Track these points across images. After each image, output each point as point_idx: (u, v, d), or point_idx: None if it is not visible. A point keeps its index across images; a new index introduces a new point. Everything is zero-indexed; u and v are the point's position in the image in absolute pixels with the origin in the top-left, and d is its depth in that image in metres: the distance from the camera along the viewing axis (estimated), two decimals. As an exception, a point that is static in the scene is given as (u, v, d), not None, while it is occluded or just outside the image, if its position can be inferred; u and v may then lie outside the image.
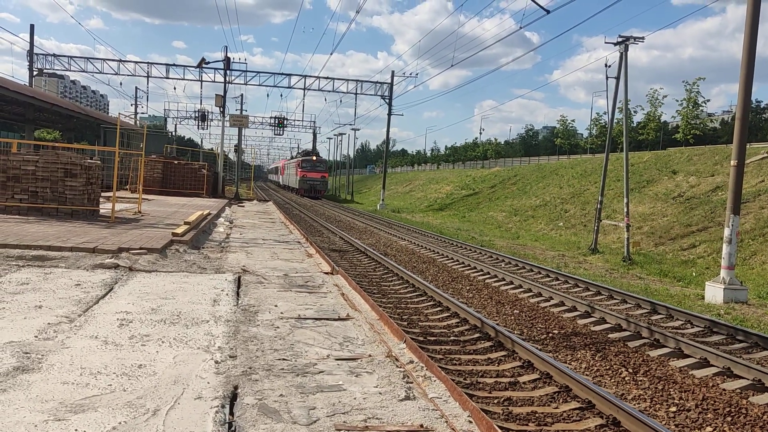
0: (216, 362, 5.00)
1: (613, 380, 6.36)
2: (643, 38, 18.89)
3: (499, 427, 4.16)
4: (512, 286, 11.82)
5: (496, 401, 5.43)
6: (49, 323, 5.78)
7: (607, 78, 19.94)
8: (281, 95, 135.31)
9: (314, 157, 56.05)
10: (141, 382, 4.41)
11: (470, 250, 18.06)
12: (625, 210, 19.05)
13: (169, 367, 4.79)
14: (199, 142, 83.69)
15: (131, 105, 56.58)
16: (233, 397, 4.29)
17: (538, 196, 35.43)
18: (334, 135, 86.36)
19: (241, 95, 45.66)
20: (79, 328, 5.71)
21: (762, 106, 62.19)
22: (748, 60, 12.15)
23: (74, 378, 4.39)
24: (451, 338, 7.61)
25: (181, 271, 9.43)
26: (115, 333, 5.65)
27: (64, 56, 41.29)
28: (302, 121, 65.04)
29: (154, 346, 5.31)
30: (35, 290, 7.16)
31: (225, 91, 36.84)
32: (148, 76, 41.84)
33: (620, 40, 18.85)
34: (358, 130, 78.20)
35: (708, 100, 57.08)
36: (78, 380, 4.35)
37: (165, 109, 60.57)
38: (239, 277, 9.20)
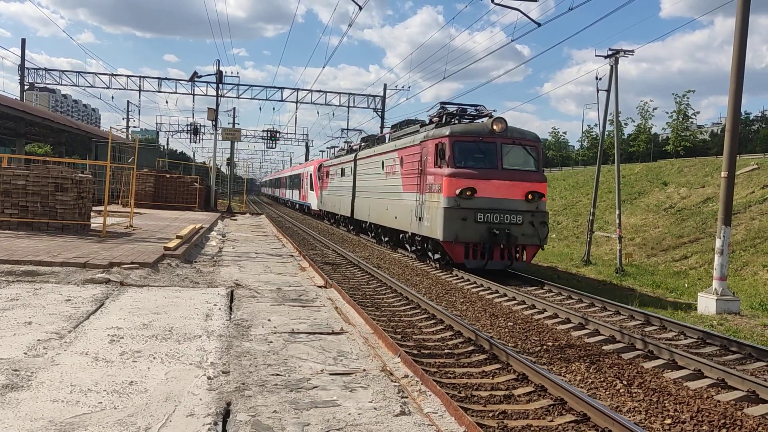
0: (208, 378, 4.94)
1: (607, 392, 6.34)
2: (632, 51, 19.09)
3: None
4: (506, 298, 11.80)
5: (491, 415, 5.39)
6: (38, 340, 5.71)
7: (597, 90, 20.13)
8: (273, 108, 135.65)
9: (497, 125, 14.92)
10: (132, 399, 4.35)
11: (463, 262, 18.00)
12: (618, 221, 19.13)
13: (161, 383, 4.73)
14: (192, 156, 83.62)
15: (123, 119, 56.40)
16: (226, 414, 4.24)
17: (531, 208, 35.47)
18: (327, 148, 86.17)
19: (234, 109, 45.76)
20: (69, 345, 5.64)
21: (751, 118, 62.95)
22: (738, 72, 12.26)
23: (64, 396, 4.33)
24: (446, 351, 7.57)
25: (173, 285, 9.36)
26: (106, 349, 5.58)
27: (56, 70, 41.22)
28: (294, 134, 63.73)
29: (145, 363, 5.24)
30: (25, 306, 7.08)
31: (217, 105, 36.85)
32: (139, 90, 41.76)
33: (610, 53, 19.02)
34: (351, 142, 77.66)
35: (697, 113, 57.83)
36: (68, 398, 4.29)
37: (157, 123, 60.45)
38: (232, 291, 9.14)
